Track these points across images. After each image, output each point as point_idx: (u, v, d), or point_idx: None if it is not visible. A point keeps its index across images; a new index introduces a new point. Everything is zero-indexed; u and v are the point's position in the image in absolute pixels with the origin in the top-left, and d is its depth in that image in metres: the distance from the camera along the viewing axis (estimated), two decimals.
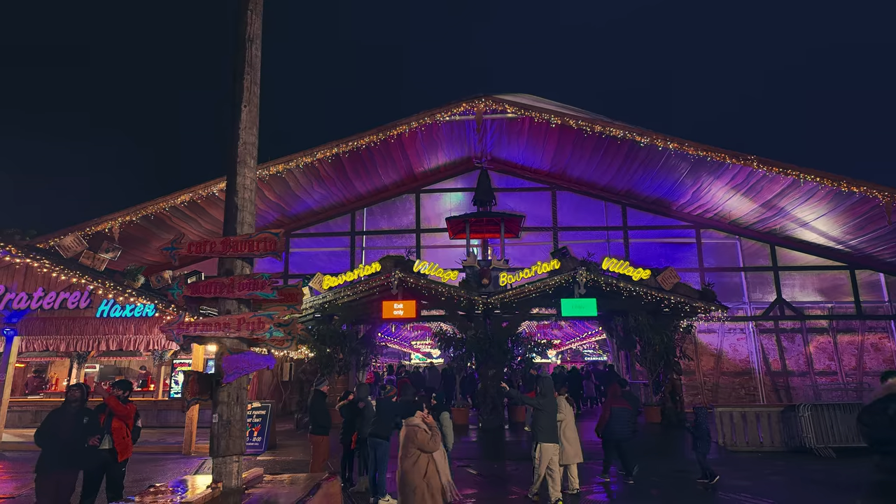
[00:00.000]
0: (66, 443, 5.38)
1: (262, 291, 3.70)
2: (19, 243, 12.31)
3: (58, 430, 5.32)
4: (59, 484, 5.37)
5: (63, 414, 5.45)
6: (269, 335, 3.62)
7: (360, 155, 17.55)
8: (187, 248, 4.08)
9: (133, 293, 11.95)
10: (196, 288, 3.86)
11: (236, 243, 3.81)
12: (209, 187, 16.71)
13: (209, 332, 3.67)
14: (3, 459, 11.60)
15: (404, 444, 4.81)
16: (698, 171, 17.03)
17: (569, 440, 7.40)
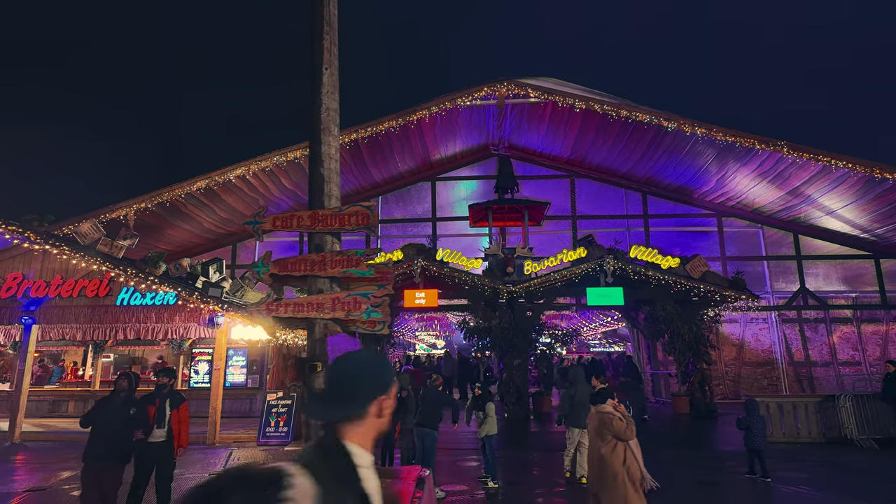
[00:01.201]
0: (111, 434, 5.12)
1: (356, 269, 3.40)
2: (38, 229, 12.02)
3: (104, 420, 5.05)
4: (103, 476, 5.11)
5: (110, 404, 5.18)
6: (365, 316, 3.33)
7: (378, 141, 17.20)
8: (271, 222, 3.78)
9: (155, 280, 11.67)
10: (284, 265, 3.56)
11: (326, 217, 3.50)
12: (225, 174, 16.38)
13: (301, 312, 3.36)
14: (25, 450, 11.39)
15: (598, 431, 4.69)
16: (725, 158, 16.67)
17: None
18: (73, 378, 17.78)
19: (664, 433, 12.08)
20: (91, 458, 5.06)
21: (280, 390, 12.30)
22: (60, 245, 11.85)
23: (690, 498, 7.19)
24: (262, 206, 19.11)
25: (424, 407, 7.09)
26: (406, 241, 20.26)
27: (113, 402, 5.21)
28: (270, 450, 10.86)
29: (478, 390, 7.84)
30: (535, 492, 7.50)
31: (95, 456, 5.08)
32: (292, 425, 11.68)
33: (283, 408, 11.87)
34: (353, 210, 3.53)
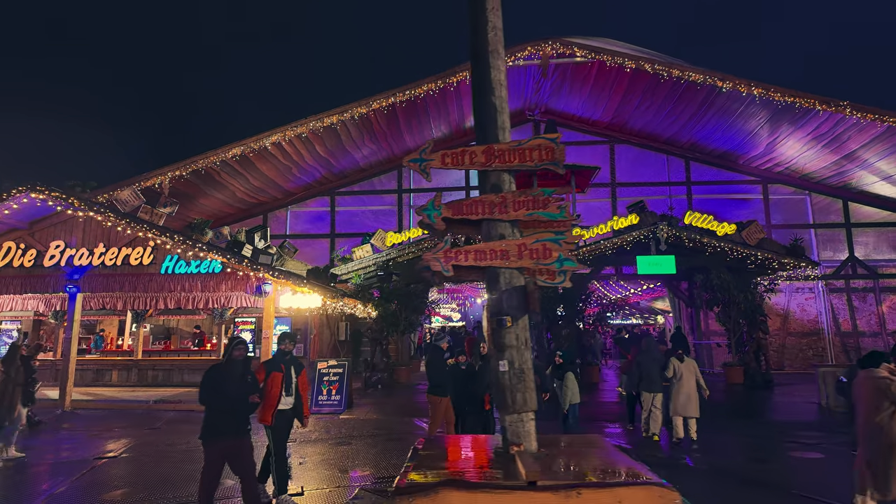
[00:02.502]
0: (240, 405, 4.82)
1: (545, 211, 2.98)
2: (81, 196, 11.72)
3: (225, 390, 4.72)
4: (240, 450, 4.79)
5: (230, 374, 4.82)
6: (558, 265, 2.93)
7: (415, 105, 16.61)
8: (440, 159, 3.35)
9: (203, 248, 11.38)
10: (458, 208, 3.14)
11: (503, 152, 3.07)
12: (261, 140, 15.93)
13: (484, 261, 2.96)
14: (77, 417, 11.34)
15: (874, 397, 4.36)
16: (778, 121, 15.91)
17: (682, 394, 7.86)
18: (112, 348, 17.78)
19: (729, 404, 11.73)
20: (223, 433, 4.71)
21: (330, 358, 12.11)
22: (105, 212, 11.55)
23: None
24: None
25: None
26: None
27: (232, 371, 4.85)
28: (324, 418, 10.70)
29: (558, 359, 7.52)
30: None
31: (228, 430, 4.75)
32: (344, 393, 11.50)
33: (334, 376, 11.68)
34: (534, 143, 3.09)
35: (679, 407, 7.85)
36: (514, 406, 2.79)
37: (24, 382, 7.64)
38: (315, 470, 6.60)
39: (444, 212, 3.12)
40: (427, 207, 3.16)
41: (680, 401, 7.83)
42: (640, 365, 8.16)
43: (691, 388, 7.87)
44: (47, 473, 6.77)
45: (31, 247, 12.45)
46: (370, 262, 14.85)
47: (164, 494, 5.72)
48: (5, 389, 7.43)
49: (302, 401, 5.62)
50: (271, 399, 5.35)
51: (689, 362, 8.03)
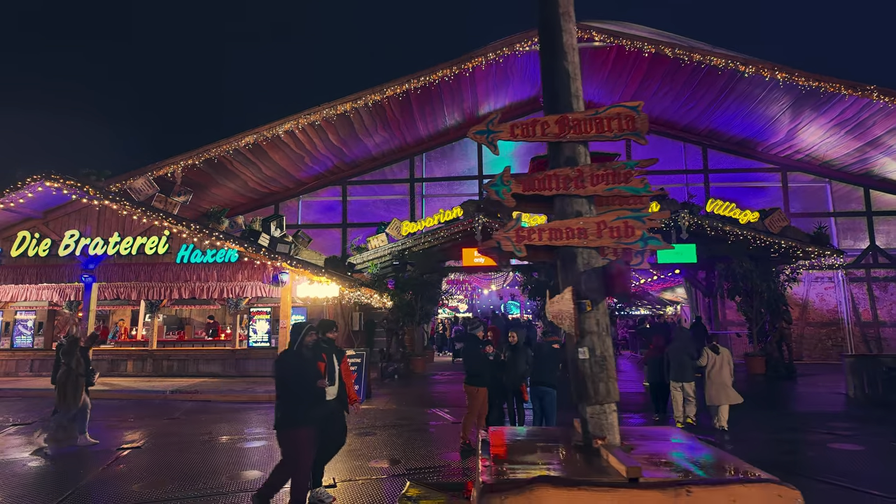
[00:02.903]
0: (317, 390, 4.69)
1: (627, 185, 2.79)
2: (96, 184, 11.60)
3: (306, 376, 4.55)
4: (310, 439, 4.61)
5: (305, 359, 4.65)
6: (641, 244, 2.74)
7: (430, 92, 16.34)
8: (509, 131, 3.14)
9: (220, 236, 11.24)
10: (529, 183, 2.94)
11: (578, 122, 2.86)
12: (274, 128, 15.73)
13: (559, 240, 2.76)
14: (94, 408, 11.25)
15: None
16: (801, 106, 15.56)
17: (716, 383, 7.95)
18: (125, 338, 17.75)
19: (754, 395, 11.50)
20: (311, 420, 4.57)
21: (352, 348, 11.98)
22: (120, 200, 11.43)
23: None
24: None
25: (541, 364, 6.61)
26: (451, 199, 19.65)
27: (305, 356, 4.70)
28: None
29: None
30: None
31: (316, 416, 4.62)
32: (363, 383, 11.37)
33: (352, 366, 11.53)
34: (613, 112, 2.88)
35: (713, 396, 7.88)
36: (596, 396, 2.61)
37: (85, 373, 7.83)
38: (343, 461, 6.46)
39: (513, 187, 2.92)
40: (496, 182, 2.96)
41: (714, 390, 7.87)
42: (672, 354, 8.24)
43: (725, 377, 7.87)
44: (71, 465, 6.67)
45: (45, 236, 12.36)
46: (385, 251, 14.68)
47: (194, 485, 5.60)
48: (68, 380, 7.59)
49: (346, 389, 5.44)
50: None
51: (724, 352, 8.03)
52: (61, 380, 7.57)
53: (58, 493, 5.45)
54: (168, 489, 5.50)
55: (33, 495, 5.43)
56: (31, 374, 15.25)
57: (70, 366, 7.63)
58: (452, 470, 6.14)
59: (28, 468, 6.48)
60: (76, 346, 7.92)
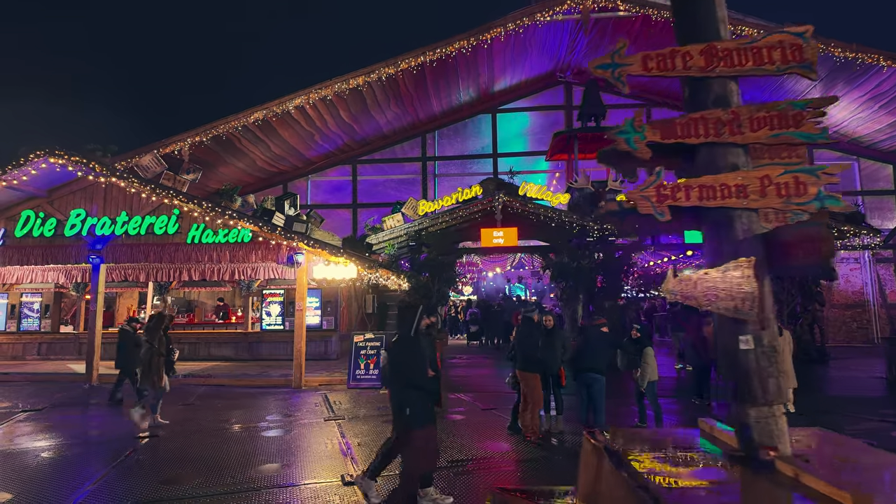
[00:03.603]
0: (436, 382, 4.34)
1: (798, 131, 2.25)
2: (102, 161, 11.06)
3: (425, 367, 4.12)
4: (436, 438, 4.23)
5: (421, 345, 4.19)
6: (818, 204, 2.24)
7: (445, 65, 15.68)
8: (640, 62, 2.60)
9: (233, 215, 10.74)
10: (669, 129, 2.41)
11: (729, 53, 2.31)
12: (284, 104, 15.13)
13: (712, 200, 2.24)
14: (105, 393, 10.88)
15: None
16: (834, 79, 14.88)
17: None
18: None
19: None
20: (434, 416, 4.23)
21: (368, 331, 11.58)
22: (128, 177, 10.89)
23: None
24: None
25: (590, 350, 6.17)
26: (465, 179, 19.10)
27: (423, 344, 4.27)
28: (364, 393, 10.21)
29: (636, 333, 6.90)
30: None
31: (432, 410, 4.23)
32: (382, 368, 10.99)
33: (371, 350, 11.15)
34: (774, 40, 2.33)
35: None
36: (765, 396, 2.14)
37: (166, 352, 7.81)
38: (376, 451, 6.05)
39: (649, 135, 2.40)
40: (624, 129, 2.44)
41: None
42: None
43: (787, 360, 7.48)
44: (90, 455, 6.28)
45: (50, 215, 11.86)
46: (402, 231, 14.19)
47: (222, 480, 5.19)
48: (151, 359, 7.60)
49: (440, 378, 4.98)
50: None
51: (786, 334, 7.76)
52: (145, 358, 7.60)
53: (75, 487, 5.05)
54: (196, 483, 5.09)
55: (49, 495, 5.03)
56: (39, 358, 14.91)
57: (153, 344, 7.63)
58: (495, 462, 5.74)
59: (41, 459, 6.09)
60: (161, 325, 7.90)
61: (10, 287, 15.05)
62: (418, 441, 3.97)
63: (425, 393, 4.01)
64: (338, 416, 8.12)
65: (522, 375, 6.19)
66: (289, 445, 6.47)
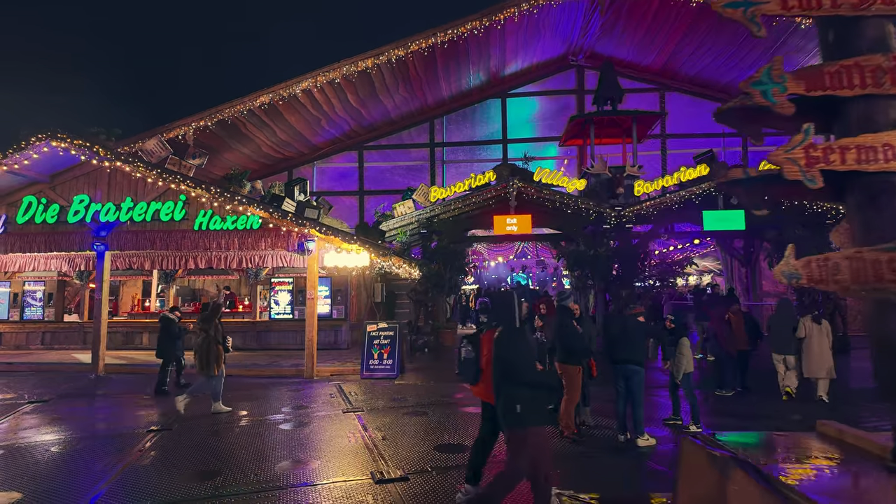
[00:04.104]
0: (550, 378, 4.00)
1: None
2: (106, 144, 10.68)
3: (533, 360, 3.76)
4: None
5: (527, 337, 3.88)
6: None
7: (456, 47, 15.22)
8: (779, 1, 2.24)
9: (242, 201, 10.38)
10: (816, 79, 2.03)
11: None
12: (291, 87, 14.70)
13: (872, 163, 1.88)
14: (112, 383, 10.65)
15: None
16: None
17: (811, 356, 7.81)
18: (139, 310, 17.10)
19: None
20: (543, 416, 3.84)
21: (377, 320, 11.27)
22: (133, 161, 10.52)
23: None
24: (323, 128, 17.51)
25: (627, 340, 5.85)
26: (474, 165, 18.72)
27: (528, 336, 3.96)
28: (379, 384, 9.94)
29: (670, 323, 6.59)
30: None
31: (544, 410, 3.88)
32: (397, 358, 10.71)
33: (385, 339, 10.87)
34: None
35: (813, 368, 7.76)
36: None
37: (222, 340, 7.82)
38: (405, 447, 5.77)
39: (791, 85, 2.05)
40: (760, 80, 2.10)
41: (812, 361, 7.75)
42: (774, 326, 8.36)
43: (824, 349, 7.72)
44: (101, 449, 5.99)
45: (52, 201, 11.51)
46: (413, 218, 13.85)
47: (244, 478, 4.90)
48: (209, 348, 7.60)
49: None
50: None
51: (825, 324, 7.92)
52: (202, 347, 7.58)
53: (89, 486, 4.76)
54: (217, 482, 4.80)
55: (62, 495, 4.74)
56: (43, 347, 14.63)
57: (209, 333, 7.63)
58: None
59: (50, 454, 5.80)
60: (217, 314, 7.91)
61: (12, 275, 14.74)
62: (530, 442, 3.54)
63: (542, 389, 3.64)
64: (356, 407, 7.84)
65: (564, 368, 5.88)
66: (309, 439, 6.18)
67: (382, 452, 5.53)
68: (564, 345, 5.89)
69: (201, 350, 7.61)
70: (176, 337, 9.80)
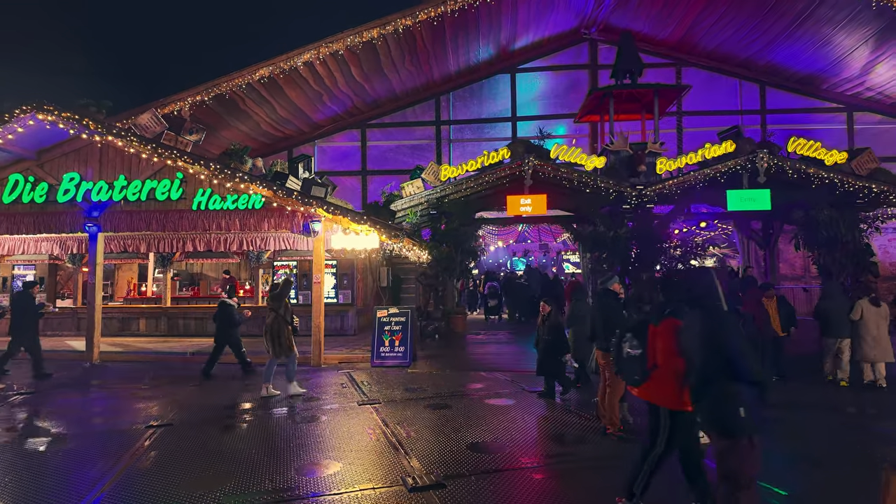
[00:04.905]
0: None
1: None
2: (96, 117, 9.94)
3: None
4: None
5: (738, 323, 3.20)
6: None
7: (466, 16, 14.40)
8: None
9: (244, 178, 9.69)
10: None
11: None
12: (292, 59, 13.91)
13: None
14: (108, 372, 10.06)
15: None
16: (889, 34, 13.74)
17: (868, 340, 7.58)
18: (135, 295, 16.46)
19: None
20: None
21: (384, 305, 10.69)
22: (126, 136, 9.79)
23: None
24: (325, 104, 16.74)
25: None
26: (482, 144, 18.00)
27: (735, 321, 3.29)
28: (391, 372, 9.40)
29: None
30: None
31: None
32: (409, 345, 10.15)
33: (396, 325, 10.29)
34: None
35: (870, 353, 7.54)
36: None
37: (290, 320, 7.62)
38: (434, 446, 5.21)
39: None
40: None
41: (870, 347, 7.53)
42: (827, 310, 8.01)
43: (882, 332, 7.44)
44: (98, 448, 5.41)
45: (41, 179, 10.80)
46: (422, 198, 13.18)
47: (258, 481, 4.33)
48: (281, 328, 7.43)
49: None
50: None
51: (883, 306, 7.63)
52: (273, 328, 7.41)
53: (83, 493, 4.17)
54: (228, 488, 4.22)
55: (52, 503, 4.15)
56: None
57: (278, 312, 7.44)
58: (581, 458, 4.91)
59: (40, 454, 5.22)
60: (287, 292, 7.71)
61: (0, 259, 14.06)
62: (743, 449, 2.88)
63: (764, 388, 2.91)
64: (371, 399, 7.28)
65: (606, 358, 5.31)
66: (326, 437, 5.62)
67: (410, 453, 4.97)
68: (610, 331, 5.31)
69: (272, 331, 7.42)
70: (236, 324, 9.21)
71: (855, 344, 7.73)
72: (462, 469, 4.56)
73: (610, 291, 5.52)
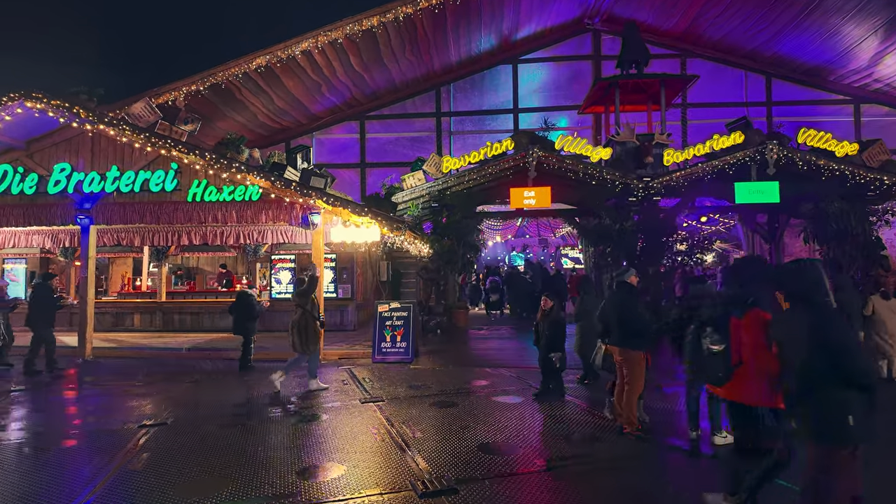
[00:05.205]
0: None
1: None
2: (87, 105, 9.60)
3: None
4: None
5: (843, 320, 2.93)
6: None
7: (468, 4, 14.08)
8: None
9: (241, 168, 9.38)
10: None
11: None
12: (290, 48, 13.56)
13: None
14: (101, 369, 9.77)
15: None
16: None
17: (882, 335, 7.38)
18: (129, 289, 16.14)
19: None
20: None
21: (384, 300, 10.41)
22: (120, 125, 9.46)
23: None
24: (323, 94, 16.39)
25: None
26: (483, 136, 17.69)
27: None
28: (393, 368, 9.14)
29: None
30: None
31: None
32: (411, 340, 9.89)
33: (398, 320, 10.02)
34: None
35: (882, 346, 7.33)
36: None
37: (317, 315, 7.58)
38: (443, 447, 4.95)
39: None
40: None
41: (881, 340, 7.32)
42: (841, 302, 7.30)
43: (893, 326, 7.33)
44: (87, 448, 5.14)
45: (30, 170, 10.47)
46: (424, 190, 12.89)
47: (258, 486, 4.06)
48: (307, 323, 7.38)
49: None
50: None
51: (893, 300, 7.40)
52: (300, 324, 7.35)
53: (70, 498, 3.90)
54: (227, 493, 3.96)
55: None
56: (26, 329, 13.64)
57: (305, 308, 7.37)
58: (596, 459, 4.65)
59: (27, 455, 4.94)
60: (314, 288, 7.58)
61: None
62: (843, 460, 2.61)
63: (872, 393, 2.57)
64: (374, 397, 7.02)
65: (624, 354, 5.05)
66: (328, 437, 5.35)
67: (418, 454, 4.71)
68: (627, 326, 5.05)
69: (299, 326, 7.33)
70: (256, 315, 9.01)
71: (868, 339, 7.52)
72: (474, 472, 4.30)
73: (626, 284, 5.25)
